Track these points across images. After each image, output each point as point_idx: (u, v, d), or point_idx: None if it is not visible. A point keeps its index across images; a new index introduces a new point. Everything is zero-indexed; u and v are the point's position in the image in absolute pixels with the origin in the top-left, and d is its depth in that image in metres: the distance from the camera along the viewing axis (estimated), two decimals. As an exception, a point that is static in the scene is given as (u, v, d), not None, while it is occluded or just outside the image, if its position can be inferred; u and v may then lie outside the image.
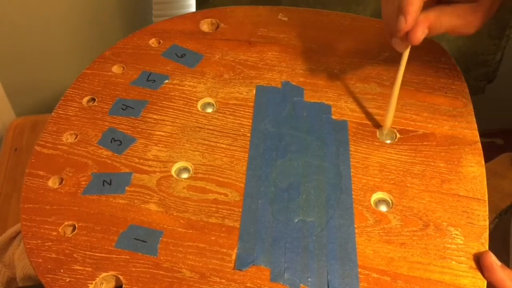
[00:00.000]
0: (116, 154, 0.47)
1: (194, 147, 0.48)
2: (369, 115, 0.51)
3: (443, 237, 0.42)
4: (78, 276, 0.40)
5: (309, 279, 0.40)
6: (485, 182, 0.45)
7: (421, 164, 0.47)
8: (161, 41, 0.58)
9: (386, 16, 0.46)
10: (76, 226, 0.42)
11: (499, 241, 0.60)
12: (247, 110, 0.51)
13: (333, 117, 0.50)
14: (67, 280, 0.39)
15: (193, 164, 0.47)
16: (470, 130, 0.49)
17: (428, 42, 0.47)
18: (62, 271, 0.40)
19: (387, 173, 0.46)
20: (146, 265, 0.40)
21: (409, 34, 0.43)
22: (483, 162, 0.47)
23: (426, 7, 0.44)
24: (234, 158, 0.47)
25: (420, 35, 0.43)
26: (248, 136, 0.49)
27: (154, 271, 0.40)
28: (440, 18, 0.44)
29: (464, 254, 0.41)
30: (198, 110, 0.51)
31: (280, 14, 0.60)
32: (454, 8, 0.45)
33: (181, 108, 0.51)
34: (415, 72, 0.54)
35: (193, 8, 0.88)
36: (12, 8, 0.91)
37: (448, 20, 0.44)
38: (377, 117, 0.50)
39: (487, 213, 0.43)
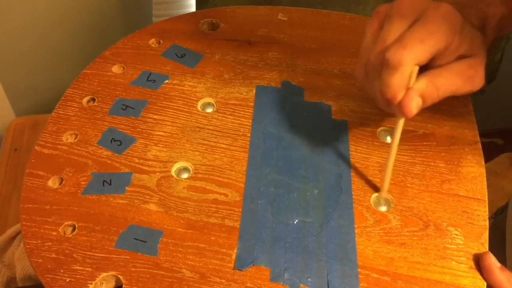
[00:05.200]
0: (116, 154, 0.47)
1: (194, 147, 0.48)
2: (369, 115, 0.51)
3: (443, 237, 0.42)
4: (78, 276, 0.40)
5: (309, 279, 0.40)
6: (485, 182, 0.45)
7: (421, 164, 0.47)
8: (161, 41, 0.58)
9: (372, 95, 0.42)
10: (76, 226, 0.42)
11: (495, 241, 0.61)
12: (247, 110, 0.51)
13: (333, 117, 0.50)
14: (67, 280, 0.39)
15: (193, 164, 0.47)
16: (470, 130, 0.49)
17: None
18: (62, 271, 0.40)
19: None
20: (146, 265, 0.40)
21: (401, 109, 0.39)
22: (483, 162, 0.47)
23: None
24: (234, 158, 0.47)
25: (412, 108, 0.39)
26: (248, 136, 0.49)
27: (154, 271, 0.40)
28: (434, 82, 0.40)
29: (464, 254, 0.41)
30: (198, 110, 0.51)
31: (280, 14, 0.60)
32: (448, 68, 0.40)
33: (181, 108, 0.51)
34: (415, 72, 0.54)
35: (193, 8, 0.88)
36: (12, 8, 0.91)
37: (445, 82, 0.40)
38: (377, 117, 0.50)
39: (487, 213, 0.43)
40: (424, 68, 0.40)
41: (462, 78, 0.40)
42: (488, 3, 0.44)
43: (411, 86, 0.38)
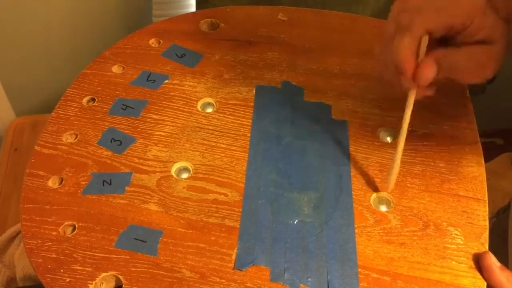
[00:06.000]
0: (116, 154, 0.47)
1: (194, 147, 0.48)
2: (369, 115, 0.51)
3: (443, 237, 0.42)
4: (78, 276, 0.40)
5: (309, 279, 0.40)
6: (485, 182, 0.45)
7: (421, 164, 0.47)
8: (161, 41, 0.58)
9: (385, 68, 0.42)
10: (76, 226, 0.42)
11: (498, 241, 0.61)
12: (247, 110, 0.51)
13: (333, 117, 0.50)
14: (67, 280, 0.39)
15: (193, 164, 0.47)
16: (470, 130, 0.49)
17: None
18: (62, 271, 0.40)
19: (387, 173, 0.46)
20: (146, 265, 0.40)
21: (417, 76, 0.39)
22: (483, 162, 0.47)
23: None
24: (234, 158, 0.47)
25: (429, 73, 0.39)
26: (248, 136, 0.49)
27: (154, 271, 0.40)
28: (447, 56, 0.40)
29: (464, 254, 0.41)
30: (198, 110, 0.51)
31: (280, 14, 0.60)
32: (462, 49, 0.40)
33: (181, 108, 0.51)
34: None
35: (193, 8, 0.88)
36: (12, 8, 0.91)
37: (457, 60, 0.40)
38: (377, 117, 0.50)
39: (487, 213, 0.43)
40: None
41: (474, 62, 0.40)
42: None
43: (421, 57, 0.39)
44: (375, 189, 0.45)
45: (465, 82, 0.43)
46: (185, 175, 0.46)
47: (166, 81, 0.54)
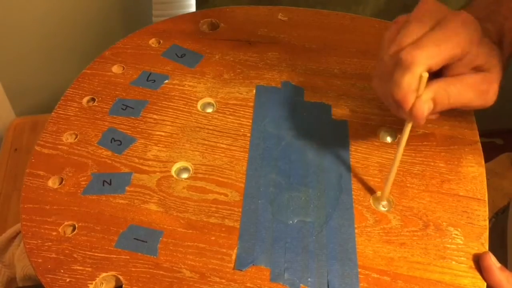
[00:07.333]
0: (116, 154, 0.47)
1: (194, 147, 0.48)
2: (369, 115, 0.51)
3: (443, 237, 0.42)
4: (78, 276, 0.40)
5: (309, 279, 0.40)
6: (485, 182, 0.45)
7: (421, 164, 0.47)
8: (161, 41, 0.58)
9: (384, 98, 0.41)
10: (76, 226, 0.42)
11: (497, 241, 0.61)
12: (247, 110, 0.51)
13: (333, 117, 0.50)
14: (67, 280, 0.39)
15: (193, 164, 0.47)
16: (470, 130, 0.49)
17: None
18: (62, 271, 0.40)
19: (387, 173, 0.46)
20: (146, 265, 0.40)
21: (412, 112, 0.38)
22: (483, 162, 0.47)
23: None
24: (234, 158, 0.47)
25: (424, 111, 0.38)
26: (248, 136, 0.49)
27: (154, 271, 0.40)
28: (447, 89, 0.39)
29: (464, 254, 0.41)
30: (198, 110, 0.51)
31: (280, 14, 0.60)
32: (461, 78, 0.39)
33: (181, 108, 0.51)
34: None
35: (193, 8, 0.88)
36: (12, 8, 0.91)
37: (457, 92, 0.39)
38: (377, 117, 0.50)
39: (487, 213, 0.43)
40: (437, 77, 0.39)
41: (475, 91, 0.39)
42: (506, 16, 0.44)
43: (420, 93, 0.38)
44: (375, 189, 0.45)
45: (468, 109, 0.43)
46: (185, 175, 0.46)
47: (166, 81, 0.54)
